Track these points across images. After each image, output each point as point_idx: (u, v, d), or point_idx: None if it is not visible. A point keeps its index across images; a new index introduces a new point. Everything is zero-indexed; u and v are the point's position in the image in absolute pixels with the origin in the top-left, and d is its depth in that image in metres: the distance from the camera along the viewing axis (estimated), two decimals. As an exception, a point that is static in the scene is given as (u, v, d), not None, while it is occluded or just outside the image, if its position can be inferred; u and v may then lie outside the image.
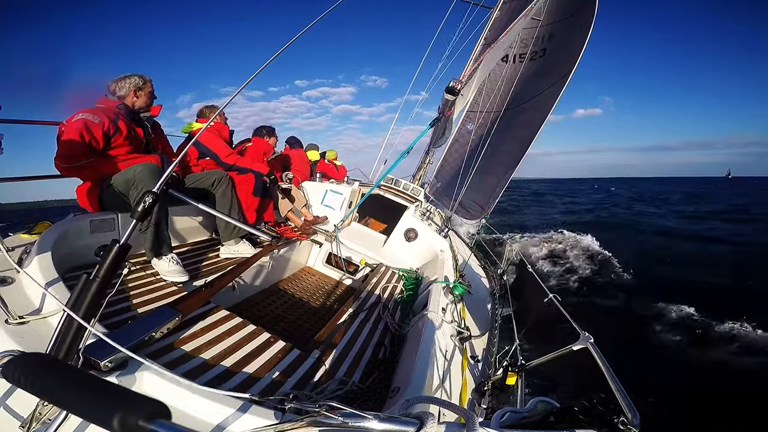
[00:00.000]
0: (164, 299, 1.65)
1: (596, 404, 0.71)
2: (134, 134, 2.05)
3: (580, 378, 3.27)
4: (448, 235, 3.88)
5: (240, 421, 0.84)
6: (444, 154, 7.86)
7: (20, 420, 0.82)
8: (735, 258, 8.09)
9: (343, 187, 4.21)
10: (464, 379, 1.78)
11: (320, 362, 1.53)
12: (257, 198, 2.77)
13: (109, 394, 0.56)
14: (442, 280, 2.59)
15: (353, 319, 2.05)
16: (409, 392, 1.22)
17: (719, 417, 3.22)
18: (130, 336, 1.16)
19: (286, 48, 1.18)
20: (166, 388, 0.89)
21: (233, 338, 1.50)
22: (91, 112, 1.84)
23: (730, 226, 12.56)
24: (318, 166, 5.34)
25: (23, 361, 0.63)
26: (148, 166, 1.87)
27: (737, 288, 6.11)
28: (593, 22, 5.42)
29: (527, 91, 6.50)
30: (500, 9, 6.50)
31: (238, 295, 2.33)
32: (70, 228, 1.71)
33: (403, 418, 0.60)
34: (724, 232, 11.11)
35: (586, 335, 1.48)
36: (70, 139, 1.74)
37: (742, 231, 11.33)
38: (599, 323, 4.98)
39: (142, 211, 0.92)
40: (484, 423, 0.66)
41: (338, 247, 3.42)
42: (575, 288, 6.56)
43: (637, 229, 12.04)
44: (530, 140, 5.89)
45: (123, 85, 2.06)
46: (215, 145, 2.87)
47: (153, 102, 2.21)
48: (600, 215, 16.77)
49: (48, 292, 1.13)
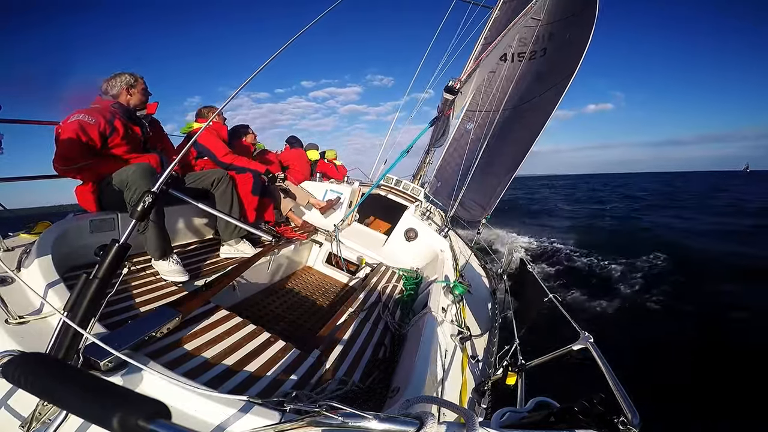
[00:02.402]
0: (164, 299, 1.65)
1: (596, 404, 0.70)
2: (132, 133, 2.04)
3: (580, 378, 3.27)
4: (448, 235, 3.88)
5: (240, 421, 0.84)
6: (444, 154, 7.86)
7: (20, 420, 0.82)
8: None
9: (343, 187, 4.21)
10: (464, 379, 1.78)
11: (320, 362, 1.53)
12: (256, 197, 2.77)
13: (109, 394, 0.56)
14: (442, 279, 2.59)
15: (353, 318, 2.05)
16: (409, 392, 1.22)
17: (719, 417, 3.22)
18: (130, 336, 1.16)
19: (284, 49, 1.18)
20: (166, 388, 0.89)
21: (233, 338, 1.50)
22: (87, 112, 1.83)
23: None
24: (318, 166, 5.33)
25: (23, 361, 0.63)
26: (141, 167, 1.85)
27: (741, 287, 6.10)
28: (595, 21, 5.41)
29: (528, 91, 6.50)
30: (500, 9, 6.49)
31: (238, 295, 2.33)
32: (70, 228, 1.71)
33: (403, 418, 0.60)
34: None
35: (586, 335, 1.48)
36: (66, 141, 1.73)
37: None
38: (599, 323, 4.99)
39: (142, 210, 0.92)
40: (484, 423, 0.66)
41: (338, 246, 3.42)
42: (575, 289, 6.56)
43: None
44: (532, 141, 5.89)
45: (114, 84, 2.04)
46: (213, 145, 2.87)
47: (148, 99, 2.19)
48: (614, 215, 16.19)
49: (44, 300, 1.12)
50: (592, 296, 6.04)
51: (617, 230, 11.71)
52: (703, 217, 12.91)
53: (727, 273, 6.47)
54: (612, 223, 13.60)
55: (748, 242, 8.72)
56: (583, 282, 6.83)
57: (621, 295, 6.07)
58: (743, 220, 11.69)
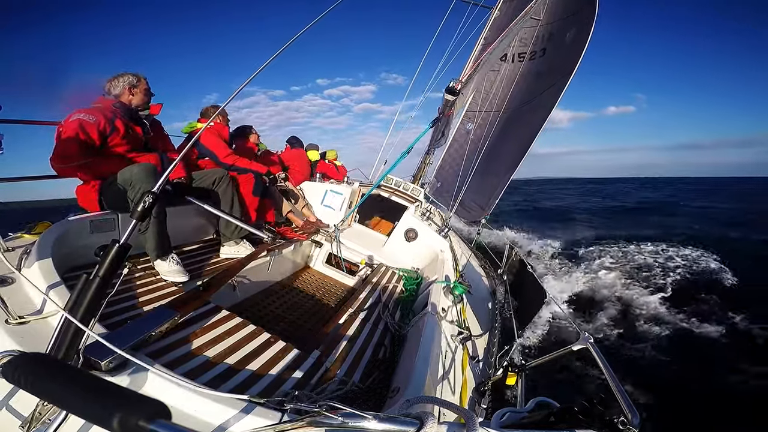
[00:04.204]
0: (164, 299, 1.65)
1: (596, 404, 0.71)
2: (132, 133, 2.04)
3: (580, 378, 3.28)
4: (448, 235, 3.88)
5: (240, 421, 0.84)
6: (444, 155, 7.86)
7: (21, 420, 0.82)
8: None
9: (343, 188, 4.21)
10: (464, 379, 1.78)
11: (320, 362, 1.53)
12: (257, 198, 2.77)
13: (110, 394, 0.56)
14: (442, 280, 2.59)
15: (353, 319, 2.05)
16: (409, 392, 1.22)
17: (719, 417, 3.22)
18: (130, 336, 1.16)
19: (286, 48, 1.18)
20: (167, 388, 0.89)
21: (233, 338, 1.50)
22: (88, 111, 1.83)
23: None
24: (318, 166, 5.33)
25: (23, 361, 0.63)
26: (145, 167, 1.86)
27: (741, 288, 6.09)
28: (595, 20, 5.41)
29: (527, 91, 6.50)
30: (500, 9, 6.50)
31: (238, 295, 2.33)
32: (70, 228, 1.71)
33: (403, 418, 0.60)
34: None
35: (586, 335, 1.48)
36: (65, 140, 1.73)
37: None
38: (598, 323, 4.99)
39: (142, 210, 0.92)
40: (484, 423, 0.66)
41: (338, 247, 3.42)
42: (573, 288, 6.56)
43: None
44: (531, 140, 5.89)
45: (117, 84, 2.06)
46: (215, 146, 2.87)
47: (151, 100, 2.20)
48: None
49: (47, 297, 1.12)
50: (591, 296, 6.01)
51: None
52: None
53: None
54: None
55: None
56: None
57: (621, 295, 6.04)
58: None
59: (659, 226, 11.84)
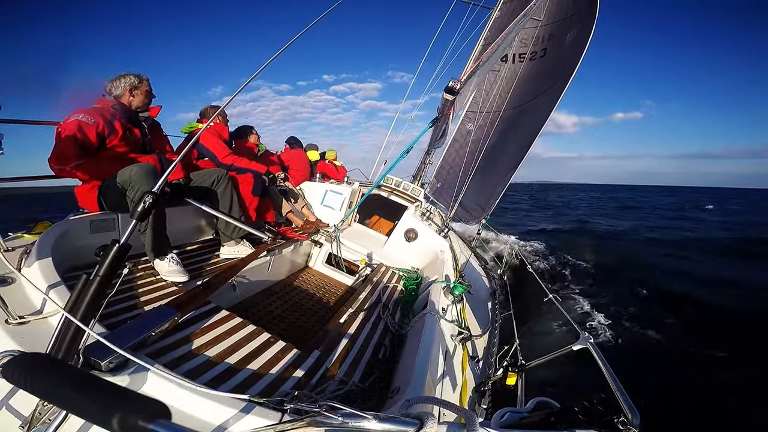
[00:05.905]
0: (164, 299, 1.65)
1: (596, 404, 0.70)
2: (131, 134, 2.04)
3: (580, 378, 3.27)
4: (448, 236, 3.88)
5: (240, 421, 0.84)
6: (444, 155, 7.86)
7: (21, 420, 0.82)
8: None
9: (343, 188, 4.21)
10: (464, 379, 1.78)
11: (320, 362, 1.53)
12: (257, 197, 2.77)
13: (109, 394, 0.56)
14: (442, 280, 2.59)
15: (353, 319, 2.05)
16: (409, 392, 1.22)
17: (719, 417, 3.21)
18: (130, 336, 1.16)
19: (289, 46, 1.18)
20: (167, 388, 0.89)
21: (233, 338, 1.50)
22: (86, 112, 1.83)
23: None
24: (318, 167, 5.34)
25: (23, 361, 0.63)
26: (144, 167, 1.85)
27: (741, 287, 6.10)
28: (595, 20, 5.41)
29: (528, 92, 6.50)
30: (500, 9, 6.49)
31: (238, 295, 2.33)
32: (70, 228, 1.71)
33: (403, 418, 0.60)
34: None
35: (586, 335, 1.48)
36: (63, 140, 1.73)
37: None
38: (599, 323, 4.99)
39: (142, 211, 0.92)
40: (484, 423, 0.66)
41: (338, 247, 3.42)
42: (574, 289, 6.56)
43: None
44: (531, 140, 5.89)
45: (118, 84, 2.05)
46: (214, 146, 2.87)
47: (151, 102, 2.19)
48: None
49: (47, 297, 1.12)
50: (593, 295, 6.02)
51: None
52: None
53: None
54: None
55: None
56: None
57: (620, 295, 6.05)
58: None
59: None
